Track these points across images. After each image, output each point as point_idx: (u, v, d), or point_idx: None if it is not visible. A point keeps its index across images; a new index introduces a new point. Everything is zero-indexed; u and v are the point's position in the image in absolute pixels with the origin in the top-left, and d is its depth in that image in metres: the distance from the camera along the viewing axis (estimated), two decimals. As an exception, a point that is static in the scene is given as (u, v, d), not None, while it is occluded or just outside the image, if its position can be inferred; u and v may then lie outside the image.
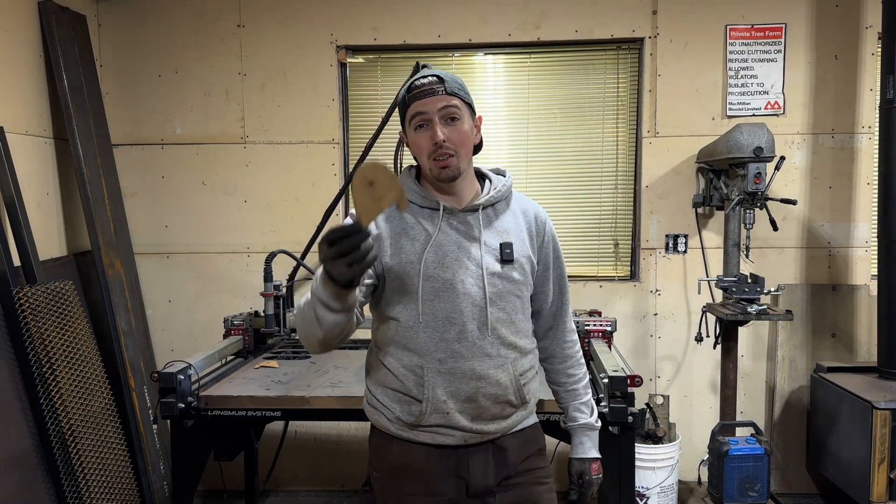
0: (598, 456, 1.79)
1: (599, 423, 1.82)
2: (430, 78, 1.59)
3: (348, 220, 1.41)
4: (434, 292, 1.59)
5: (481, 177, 1.72)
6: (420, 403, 1.59)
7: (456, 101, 1.58)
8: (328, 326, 1.47)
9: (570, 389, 1.80)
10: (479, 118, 1.67)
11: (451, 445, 1.62)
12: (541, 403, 2.28)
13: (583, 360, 1.84)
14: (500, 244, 1.63)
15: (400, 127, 1.69)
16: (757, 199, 3.17)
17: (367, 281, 1.61)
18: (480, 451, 1.63)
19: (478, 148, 1.69)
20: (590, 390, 1.84)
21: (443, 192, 1.64)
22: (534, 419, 1.75)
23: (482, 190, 1.69)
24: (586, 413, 1.79)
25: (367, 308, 1.72)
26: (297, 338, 3.31)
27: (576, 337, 1.83)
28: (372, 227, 1.60)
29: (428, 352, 1.59)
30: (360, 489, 1.76)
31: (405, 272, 1.60)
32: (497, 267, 1.62)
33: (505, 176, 1.73)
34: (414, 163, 1.72)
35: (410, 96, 1.59)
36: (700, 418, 3.67)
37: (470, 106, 1.63)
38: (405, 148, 3.15)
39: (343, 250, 1.29)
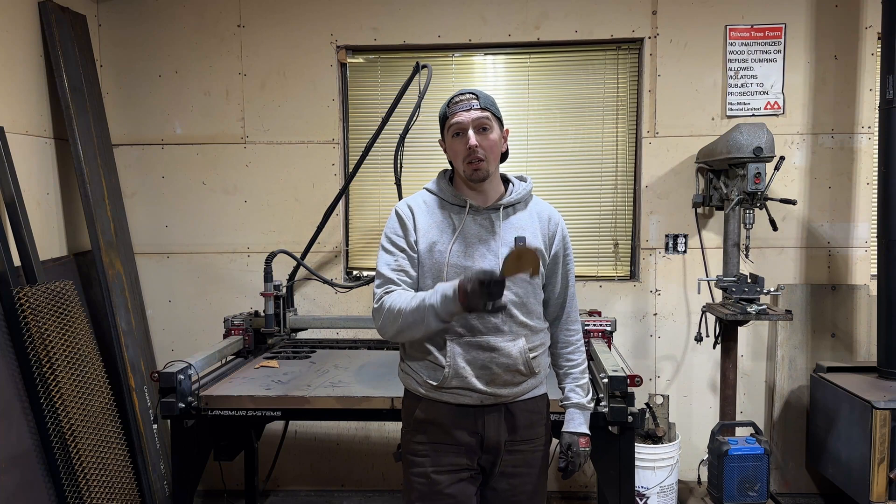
0: (588, 432, 2.01)
1: (592, 405, 2.10)
2: (467, 95, 1.91)
3: (493, 271, 1.73)
4: (457, 276, 1.82)
5: (506, 181, 2.01)
6: (443, 369, 1.86)
7: (488, 115, 1.89)
8: (430, 332, 1.83)
9: (569, 372, 2.06)
10: (507, 130, 1.97)
11: (469, 405, 1.89)
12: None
13: (583, 349, 2.09)
14: (515, 237, 1.91)
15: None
16: (757, 199, 3.17)
17: (412, 273, 1.91)
18: (494, 412, 1.90)
19: (504, 156, 1.98)
20: (587, 375, 2.07)
21: (472, 191, 1.94)
22: (542, 389, 2.01)
23: (506, 192, 1.98)
24: (580, 394, 2.04)
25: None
26: (296, 338, 3.33)
27: (579, 327, 2.08)
28: (410, 220, 1.93)
29: (450, 326, 1.85)
30: (395, 451, 2.02)
31: (435, 259, 1.89)
32: None
33: (526, 182, 2.02)
34: (448, 167, 2.02)
35: (450, 110, 1.91)
36: (700, 418, 3.67)
37: (499, 120, 1.93)
38: (404, 149, 3.20)
39: (492, 291, 1.66)
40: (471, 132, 1.86)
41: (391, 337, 1.89)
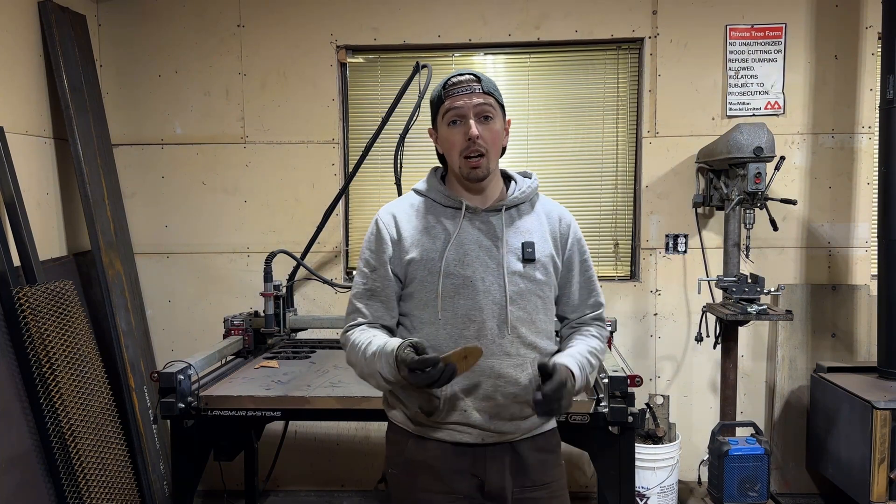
0: (578, 385, 1.61)
1: (588, 377, 1.68)
2: (467, 76, 1.61)
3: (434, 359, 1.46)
4: (454, 289, 1.60)
5: (507, 178, 1.74)
6: (437, 400, 1.59)
7: (491, 101, 1.60)
8: (380, 387, 1.62)
9: (573, 339, 1.74)
10: (509, 121, 1.69)
11: (467, 443, 1.61)
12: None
13: (603, 347, 1.76)
14: (522, 243, 1.64)
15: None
16: (757, 199, 3.17)
17: (387, 293, 1.67)
18: (497, 452, 1.63)
19: (503, 150, 1.70)
20: (596, 359, 1.71)
21: (469, 191, 1.66)
22: (551, 424, 1.73)
23: (507, 191, 1.71)
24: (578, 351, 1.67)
25: None
26: (296, 337, 3.33)
27: (605, 332, 1.79)
28: (392, 229, 1.66)
29: (447, 348, 1.56)
30: (375, 486, 1.78)
31: (426, 270, 1.62)
32: (519, 266, 1.63)
33: (531, 178, 1.75)
34: (438, 161, 1.75)
35: (446, 92, 1.61)
36: (700, 418, 3.67)
37: (502, 107, 1.65)
38: (404, 149, 3.19)
39: (422, 381, 1.44)
40: (472, 121, 1.57)
41: (358, 376, 1.65)
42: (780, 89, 3.55)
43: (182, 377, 2.37)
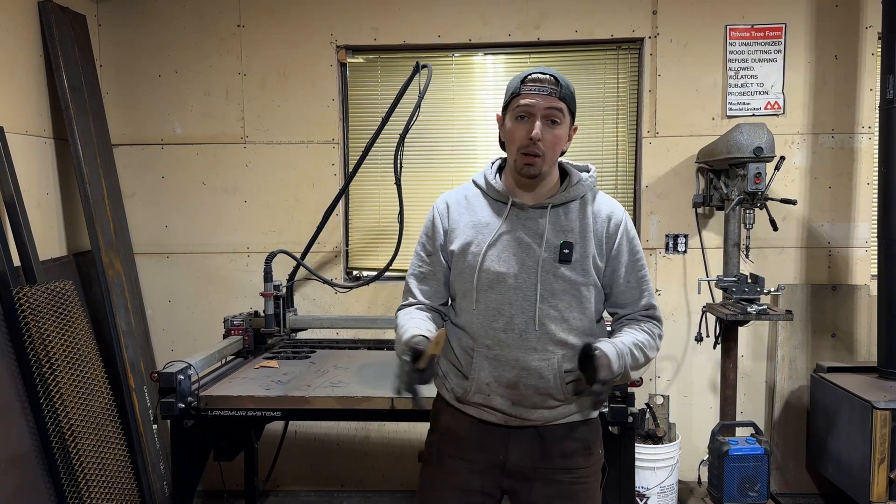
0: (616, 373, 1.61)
1: (629, 362, 1.66)
2: (548, 76, 1.65)
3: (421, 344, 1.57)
4: (489, 283, 1.67)
5: (565, 173, 1.77)
6: (468, 381, 1.70)
7: (563, 106, 1.67)
8: None
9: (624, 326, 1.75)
10: (575, 128, 1.75)
11: (493, 423, 1.71)
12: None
13: (652, 344, 1.73)
14: (561, 243, 1.67)
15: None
16: (757, 199, 3.17)
17: (439, 277, 1.78)
18: (522, 434, 1.70)
19: (562, 153, 1.75)
20: (643, 352, 1.69)
21: (521, 185, 1.72)
22: (586, 415, 1.75)
23: (560, 188, 1.74)
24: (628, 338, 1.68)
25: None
26: (296, 338, 3.33)
27: (653, 340, 1.74)
28: (445, 219, 1.77)
29: (479, 337, 1.68)
30: (420, 452, 1.90)
31: (467, 262, 1.70)
32: (554, 265, 1.67)
33: (589, 172, 1.78)
34: (501, 150, 1.79)
35: (524, 88, 1.64)
36: (700, 418, 3.67)
37: (573, 114, 1.71)
38: (404, 149, 3.19)
39: (410, 378, 1.53)
40: (538, 122, 1.62)
41: None
42: (780, 89, 3.55)
43: (182, 377, 2.37)
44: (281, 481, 3.78)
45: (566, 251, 1.66)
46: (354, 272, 3.81)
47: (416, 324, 1.68)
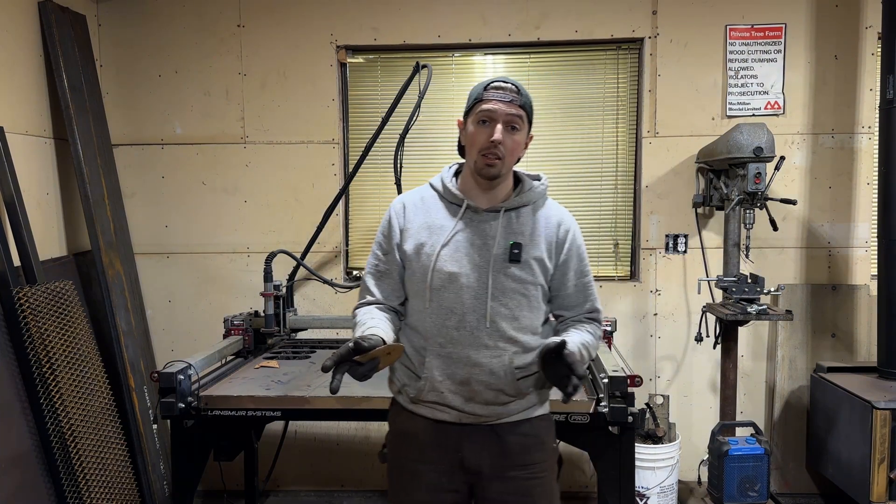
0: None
1: (585, 360, 1.75)
2: (510, 85, 1.75)
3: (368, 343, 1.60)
4: (442, 283, 1.73)
5: (518, 181, 1.85)
6: (420, 380, 1.75)
7: (523, 114, 1.75)
8: None
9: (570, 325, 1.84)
10: (531, 136, 1.83)
11: (447, 422, 1.75)
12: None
13: (596, 345, 1.83)
14: (511, 244, 1.74)
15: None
16: (757, 199, 3.17)
17: (396, 276, 1.82)
18: (476, 433, 1.75)
19: (517, 160, 1.82)
20: (588, 352, 1.77)
21: (479, 187, 1.78)
22: (540, 410, 1.82)
23: (513, 193, 1.81)
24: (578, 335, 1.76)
25: None
26: (296, 338, 3.33)
27: (596, 340, 1.84)
28: (402, 218, 1.81)
29: (431, 336, 1.74)
30: (380, 451, 1.95)
31: (421, 262, 1.76)
32: (504, 265, 1.74)
33: (540, 181, 1.85)
34: (459, 156, 1.87)
35: (486, 94, 1.73)
36: (700, 418, 3.67)
37: (530, 124, 1.79)
38: (404, 149, 3.19)
39: (352, 374, 1.59)
40: (499, 126, 1.70)
41: None
42: (780, 89, 3.55)
43: (182, 377, 2.37)
44: (281, 481, 3.78)
45: (516, 251, 1.73)
46: (354, 272, 3.81)
47: (378, 324, 1.72)
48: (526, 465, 1.76)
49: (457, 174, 1.86)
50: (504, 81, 1.75)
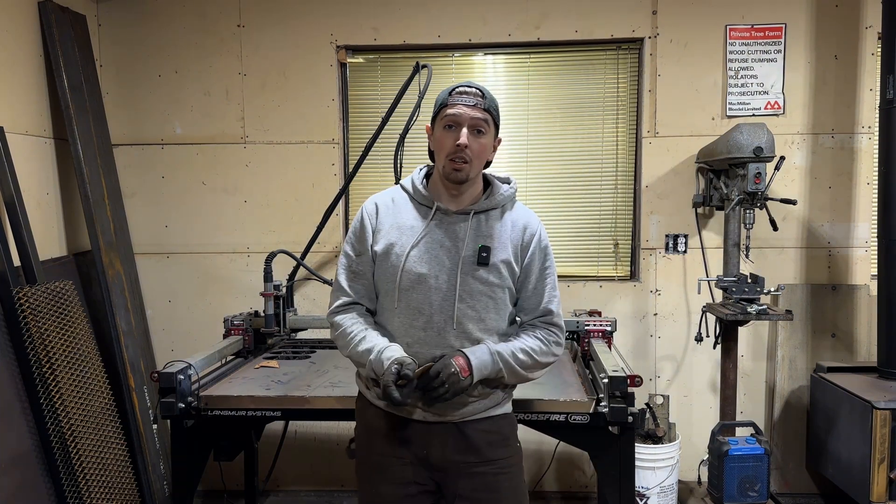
0: (472, 366, 1.73)
1: (496, 366, 1.77)
2: (474, 89, 1.76)
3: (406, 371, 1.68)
4: (410, 283, 1.77)
5: (488, 184, 1.88)
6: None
7: (488, 118, 1.76)
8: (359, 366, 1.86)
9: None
10: (499, 140, 1.85)
11: (413, 419, 1.79)
12: (537, 403, 2.29)
13: (542, 349, 1.82)
14: (479, 247, 1.77)
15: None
16: (757, 199, 3.17)
17: (369, 276, 1.85)
18: (441, 430, 1.78)
19: (487, 164, 1.85)
20: (529, 356, 1.80)
21: (447, 191, 1.81)
22: (503, 409, 1.86)
23: (483, 196, 1.84)
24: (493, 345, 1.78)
25: None
26: (296, 338, 3.33)
27: (545, 345, 1.84)
28: (374, 219, 1.84)
29: (399, 335, 1.79)
30: (347, 446, 1.98)
31: (391, 263, 1.79)
32: (472, 268, 1.77)
33: (510, 184, 1.88)
34: (428, 161, 1.90)
35: (451, 99, 1.75)
36: (700, 418, 3.67)
37: (497, 126, 1.81)
38: (404, 149, 3.19)
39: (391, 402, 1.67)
40: (465, 130, 1.72)
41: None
42: (780, 89, 3.55)
43: (182, 377, 2.37)
44: (281, 481, 3.78)
45: (484, 254, 1.76)
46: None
47: (387, 344, 1.76)
48: (490, 460, 1.80)
49: (427, 176, 1.89)
50: (468, 86, 1.77)
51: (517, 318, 1.90)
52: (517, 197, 1.92)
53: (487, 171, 1.89)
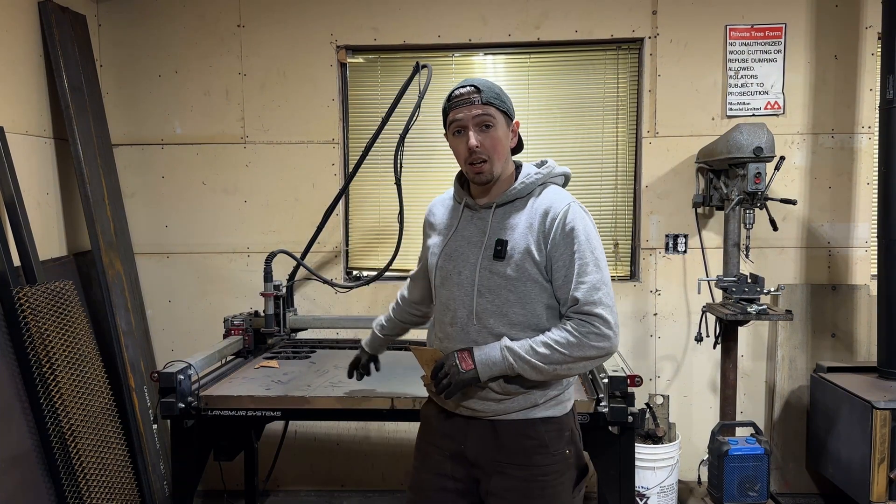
0: (476, 364, 1.68)
1: (511, 363, 1.67)
2: (468, 88, 1.72)
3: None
4: (441, 280, 1.82)
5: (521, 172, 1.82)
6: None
7: (490, 110, 1.71)
8: None
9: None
10: (517, 123, 1.79)
11: (453, 412, 1.80)
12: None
13: (570, 340, 1.65)
14: (496, 240, 1.73)
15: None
16: (757, 199, 3.17)
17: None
18: (478, 426, 1.76)
19: (517, 149, 1.83)
20: (552, 348, 1.65)
21: (480, 188, 1.80)
22: (543, 412, 1.74)
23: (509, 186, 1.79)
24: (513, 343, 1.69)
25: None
26: (296, 338, 3.33)
27: (574, 336, 1.65)
28: (431, 218, 1.94)
29: (436, 330, 1.85)
30: None
31: (430, 261, 1.87)
32: (491, 262, 1.74)
33: (541, 168, 1.81)
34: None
35: (449, 105, 1.74)
36: (700, 418, 3.67)
37: (506, 113, 1.74)
38: (404, 149, 3.20)
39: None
40: (471, 132, 1.69)
41: None
42: (780, 89, 3.55)
43: (182, 377, 2.37)
44: (281, 481, 3.78)
45: (499, 248, 1.72)
46: (354, 272, 3.81)
47: (378, 323, 2.22)
48: (524, 465, 1.72)
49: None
50: (463, 86, 1.73)
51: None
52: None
53: (520, 157, 1.84)
